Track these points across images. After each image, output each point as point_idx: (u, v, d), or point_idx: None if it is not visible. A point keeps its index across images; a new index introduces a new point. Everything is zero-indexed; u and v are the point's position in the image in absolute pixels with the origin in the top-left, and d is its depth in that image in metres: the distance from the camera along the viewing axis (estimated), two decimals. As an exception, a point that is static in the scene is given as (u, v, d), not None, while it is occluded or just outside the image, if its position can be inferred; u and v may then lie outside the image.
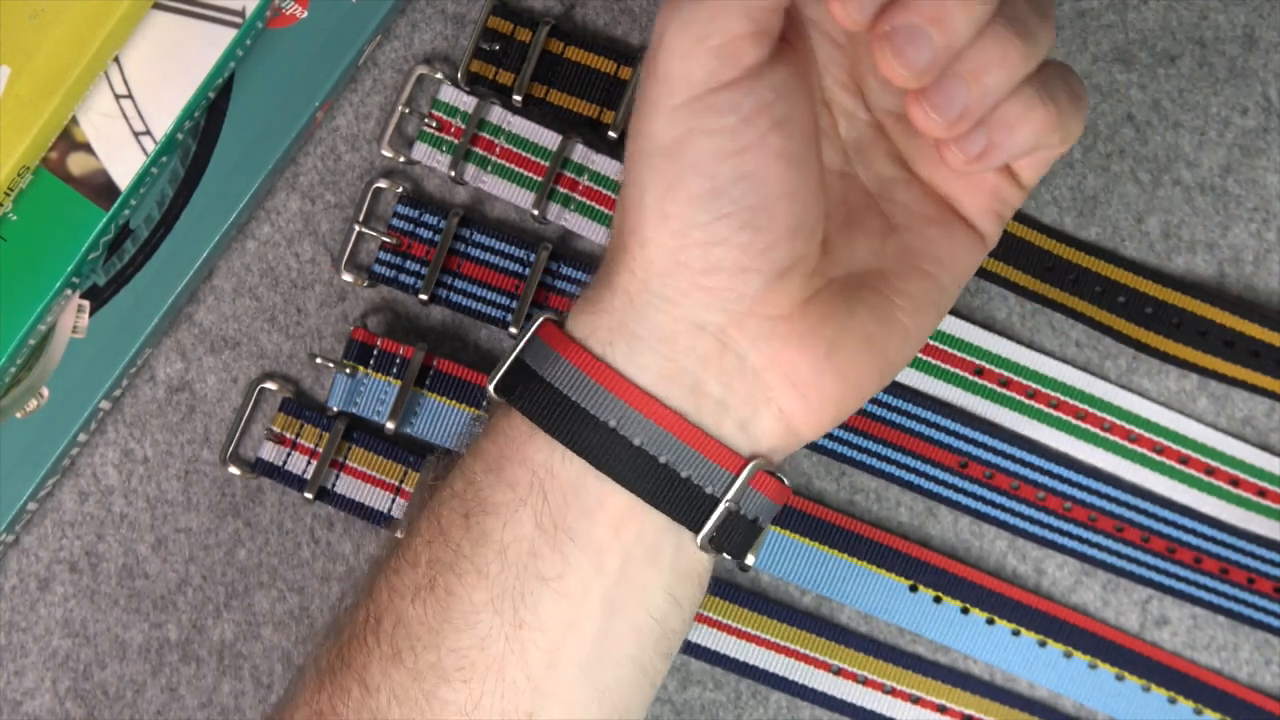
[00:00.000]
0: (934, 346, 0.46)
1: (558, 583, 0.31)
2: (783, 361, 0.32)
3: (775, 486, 0.33)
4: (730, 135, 0.30)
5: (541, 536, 0.31)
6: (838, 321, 0.32)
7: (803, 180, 0.31)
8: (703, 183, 0.30)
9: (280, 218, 0.47)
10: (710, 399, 0.32)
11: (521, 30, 0.46)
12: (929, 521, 0.47)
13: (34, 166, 0.42)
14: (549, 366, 0.32)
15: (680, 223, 0.30)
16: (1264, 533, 0.47)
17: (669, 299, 0.31)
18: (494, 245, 0.46)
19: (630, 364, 0.31)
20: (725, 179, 0.30)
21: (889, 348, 0.33)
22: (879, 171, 0.35)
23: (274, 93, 0.45)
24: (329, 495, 0.45)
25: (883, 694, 0.46)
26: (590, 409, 0.31)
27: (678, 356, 0.31)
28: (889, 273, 0.33)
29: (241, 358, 0.46)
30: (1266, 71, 0.47)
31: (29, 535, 0.46)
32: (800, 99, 0.31)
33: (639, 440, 0.31)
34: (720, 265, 0.31)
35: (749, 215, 0.30)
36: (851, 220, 0.34)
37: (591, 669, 0.32)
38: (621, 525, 0.31)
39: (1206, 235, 0.47)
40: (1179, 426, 0.47)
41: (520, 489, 0.31)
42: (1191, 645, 0.47)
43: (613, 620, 0.32)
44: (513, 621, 0.31)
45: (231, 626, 0.46)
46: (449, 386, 0.45)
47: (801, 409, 0.32)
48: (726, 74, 0.30)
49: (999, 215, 0.35)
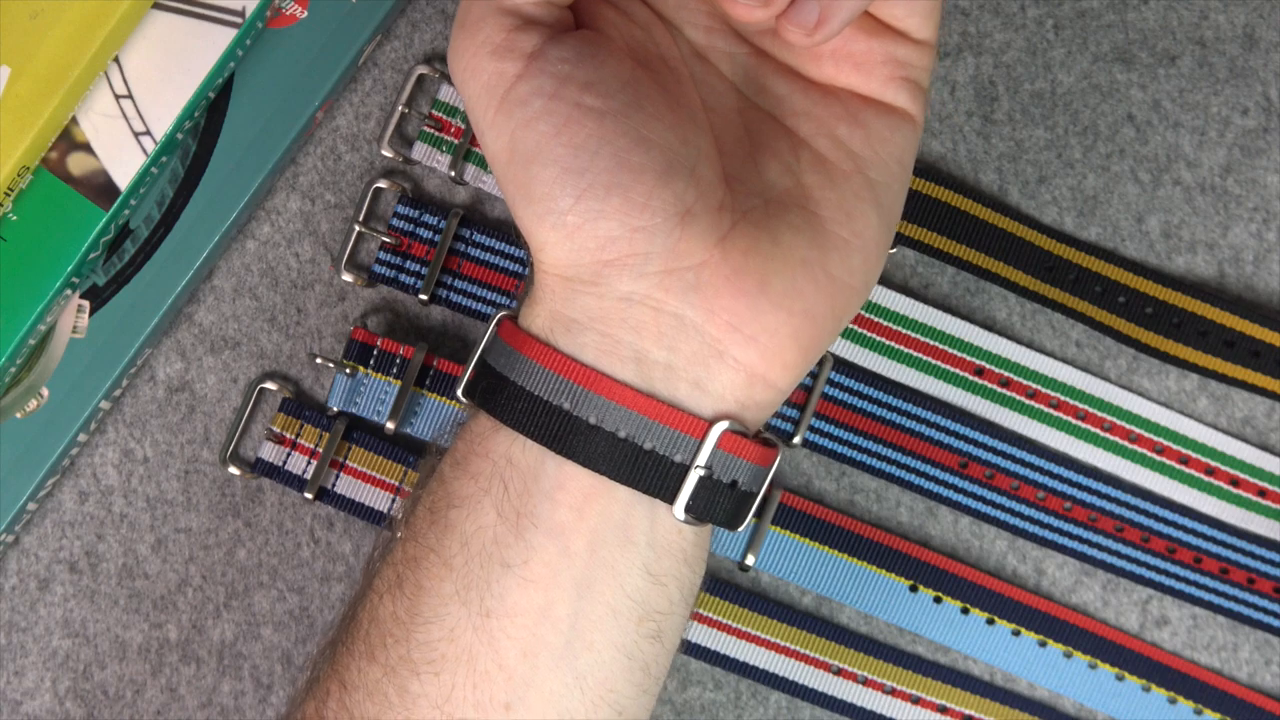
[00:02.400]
0: (934, 346, 0.46)
1: (523, 569, 0.31)
2: (719, 309, 0.31)
3: (755, 448, 0.32)
4: (545, 116, 0.30)
5: (503, 524, 0.31)
6: (763, 251, 0.31)
7: (647, 122, 0.31)
8: (548, 170, 0.30)
9: (280, 218, 0.47)
10: (658, 366, 0.31)
11: (521, 30, 0.46)
12: (929, 521, 0.47)
13: (34, 166, 0.42)
14: (503, 361, 0.32)
15: (552, 214, 0.30)
16: (1264, 533, 0.47)
17: (585, 281, 0.31)
18: (494, 245, 0.46)
19: (572, 345, 0.31)
20: (564, 156, 0.30)
21: (830, 264, 0.32)
22: (776, 92, 0.34)
23: (274, 93, 0.45)
24: (329, 495, 0.45)
25: (883, 694, 0.46)
26: (543, 395, 0.31)
27: (614, 331, 0.31)
28: (808, 186, 0.32)
29: (241, 358, 0.46)
30: (1266, 71, 0.47)
31: (29, 535, 0.46)
32: (606, 54, 0.31)
33: (593, 419, 0.30)
34: (611, 235, 0.30)
35: (608, 177, 0.30)
36: (758, 148, 0.33)
37: (568, 654, 0.31)
38: (585, 506, 0.31)
39: (1207, 235, 0.47)
40: (1179, 426, 0.47)
41: (482, 480, 0.31)
42: (1191, 645, 0.47)
43: (584, 603, 0.31)
44: (480, 611, 0.31)
45: (231, 626, 0.46)
46: (449, 386, 0.45)
47: (757, 353, 0.31)
48: (512, 68, 0.31)
49: (909, 81, 0.33)
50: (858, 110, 0.33)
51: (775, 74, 0.34)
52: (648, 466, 0.31)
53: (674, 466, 0.31)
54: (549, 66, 0.31)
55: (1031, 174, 0.47)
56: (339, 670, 0.32)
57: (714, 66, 0.34)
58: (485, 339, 0.33)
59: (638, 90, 0.31)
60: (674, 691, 0.46)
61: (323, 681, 0.33)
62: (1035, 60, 0.47)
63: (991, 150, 0.47)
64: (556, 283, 0.31)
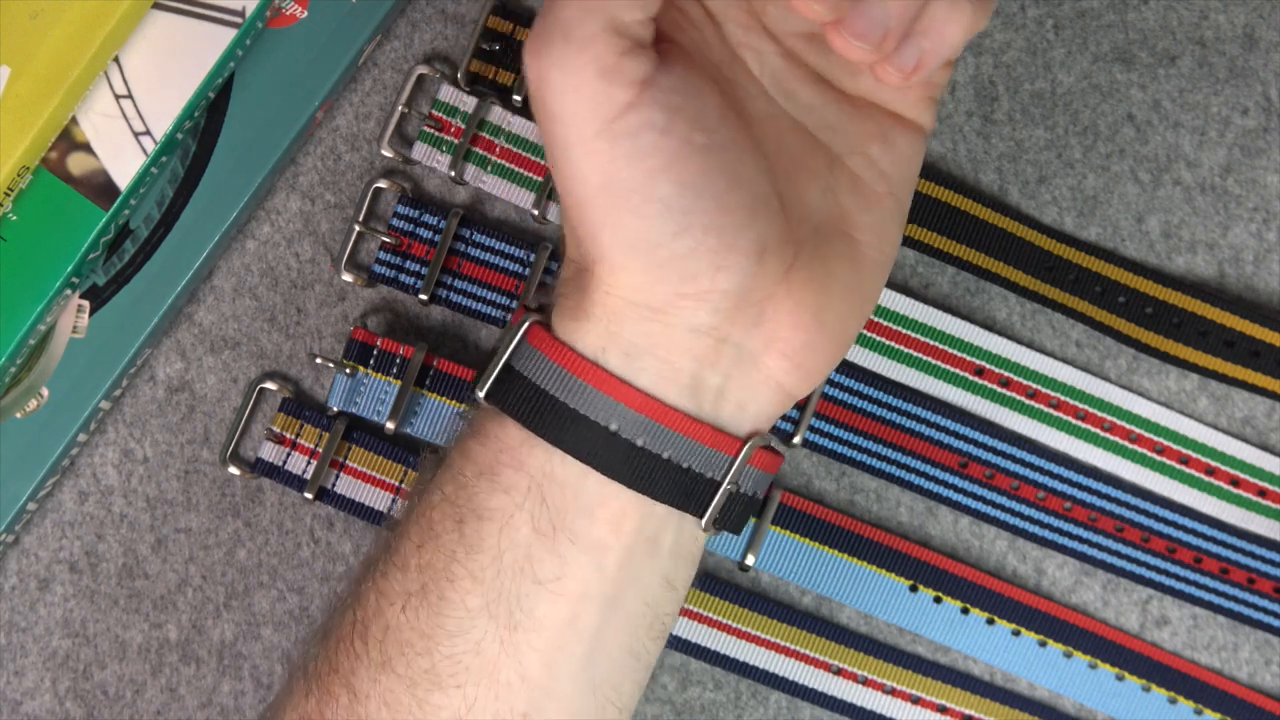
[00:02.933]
0: (934, 346, 0.46)
1: (555, 584, 0.31)
2: (778, 340, 0.31)
3: (769, 458, 0.33)
4: (655, 153, 0.29)
5: (539, 541, 0.31)
6: (818, 283, 0.31)
7: (740, 158, 0.31)
8: (650, 205, 0.29)
9: (280, 218, 0.47)
10: (710, 390, 0.31)
11: (521, 30, 0.46)
12: (929, 521, 0.47)
13: (34, 166, 0.42)
14: (544, 373, 0.31)
15: (645, 247, 0.30)
16: (1264, 533, 0.47)
17: (655, 309, 0.31)
18: (494, 245, 0.46)
19: (627, 369, 0.31)
20: (670, 194, 0.29)
21: (865, 286, 0.32)
22: (805, 100, 0.33)
23: (274, 93, 0.45)
24: (329, 495, 0.45)
25: (883, 694, 0.46)
26: (591, 415, 0.31)
27: (674, 359, 0.31)
28: (846, 210, 0.33)
29: (241, 358, 0.46)
30: (1266, 71, 0.47)
31: (29, 535, 0.46)
32: (704, 84, 0.31)
33: (641, 441, 0.31)
34: (696, 271, 0.30)
35: (707, 218, 0.30)
36: (795, 167, 0.33)
37: (588, 664, 0.32)
38: (622, 522, 0.31)
39: (1207, 235, 0.47)
40: (1179, 426, 0.47)
41: (516, 494, 0.31)
42: (1191, 645, 0.47)
43: (610, 615, 0.31)
44: (508, 625, 0.31)
45: (231, 626, 0.46)
46: (449, 386, 0.45)
47: (796, 376, 0.32)
48: (622, 95, 0.29)
49: (933, 101, 0.33)
50: (888, 129, 0.33)
51: (806, 81, 0.33)
52: (686, 484, 0.31)
53: (709, 483, 0.32)
54: (661, 98, 0.29)
55: (1031, 174, 0.47)
56: (344, 675, 0.32)
57: (745, 66, 0.33)
58: (511, 344, 0.32)
59: (731, 124, 0.31)
60: (674, 691, 0.46)
61: (324, 682, 0.32)
62: (1035, 60, 0.47)
63: (991, 150, 0.47)
64: (621, 305, 0.31)
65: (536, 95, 0.29)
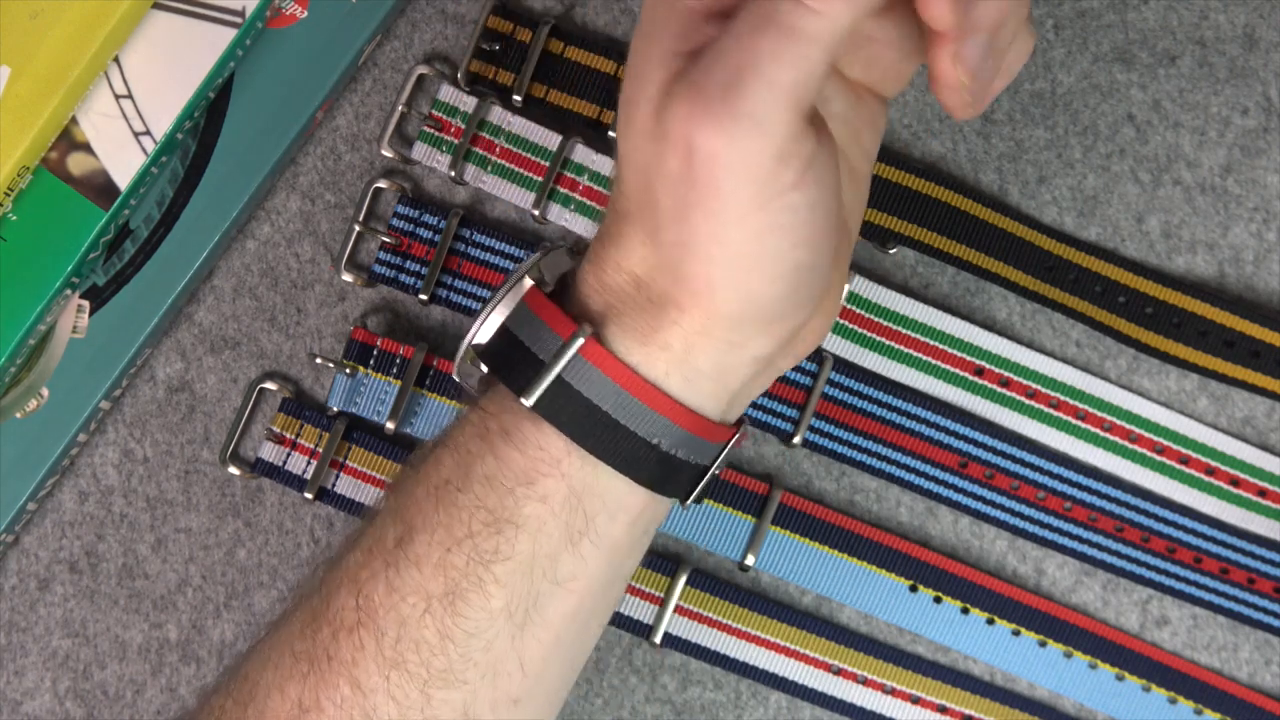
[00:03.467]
0: (934, 346, 0.46)
1: (570, 583, 0.32)
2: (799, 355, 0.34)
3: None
4: (804, 225, 0.29)
5: (565, 544, 0.31)
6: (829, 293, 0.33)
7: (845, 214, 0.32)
8: (783, 272, 0.29)
9: (280, 218, 0.47)
10: (740, 399, 0.33)
11: (521, 30, 0.46)
12: (929, 521, 0.47)
13: (34, 166, 0.42)
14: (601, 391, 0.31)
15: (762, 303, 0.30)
16: (1264, 533, 0.47)
17: (734, 342, 0.31)
18: (494, 245, 0.46)
19: (686, 391, 0.31)
20: (804, 260, 0.29)
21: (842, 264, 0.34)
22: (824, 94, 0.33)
23: (274, 93, 0.45)
24: (329, 495, 0.45)
25: (883, 694, 0.46)
26: (640, 431, 0.31)
27: (730, 382, 0.32)
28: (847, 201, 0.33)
29: (241, 358, 0.46)
30: (1266, 71, 0.47)
31: (29, 535, 0.46)
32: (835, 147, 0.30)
33: (679, 452, 0.32)
34: (785, 315, 0.31)
35: (827, 278, 0.31)
36: None
37: (576, 649, 0.33)
38: (636, 520, 0.32)
39: (1207, 235, 0.47)
40: (1179, 426, 0.47)
41: (553, 502, 0.31)
42: (1191, 645, 0.47)
43: (601, 601, 0.33)
44: (521, 623, 0.31)
45: (231, 626, 0.46)
46: (449, 386, 0.45)
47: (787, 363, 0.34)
48: (790, 176, 0.28)
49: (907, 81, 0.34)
50: (874, 110, 0.33)
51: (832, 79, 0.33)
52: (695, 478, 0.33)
53: (704, 470, 0.33)
54: (820, 177, 0.28)
55: (1031, 174, 0.47)
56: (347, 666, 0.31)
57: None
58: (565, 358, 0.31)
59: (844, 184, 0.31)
60: (674, 691, 0.46)
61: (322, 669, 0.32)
62: (1035, 60, 0.47)
63: (991, 150, 0.47)
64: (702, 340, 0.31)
65: (697, 166, 0.27)
